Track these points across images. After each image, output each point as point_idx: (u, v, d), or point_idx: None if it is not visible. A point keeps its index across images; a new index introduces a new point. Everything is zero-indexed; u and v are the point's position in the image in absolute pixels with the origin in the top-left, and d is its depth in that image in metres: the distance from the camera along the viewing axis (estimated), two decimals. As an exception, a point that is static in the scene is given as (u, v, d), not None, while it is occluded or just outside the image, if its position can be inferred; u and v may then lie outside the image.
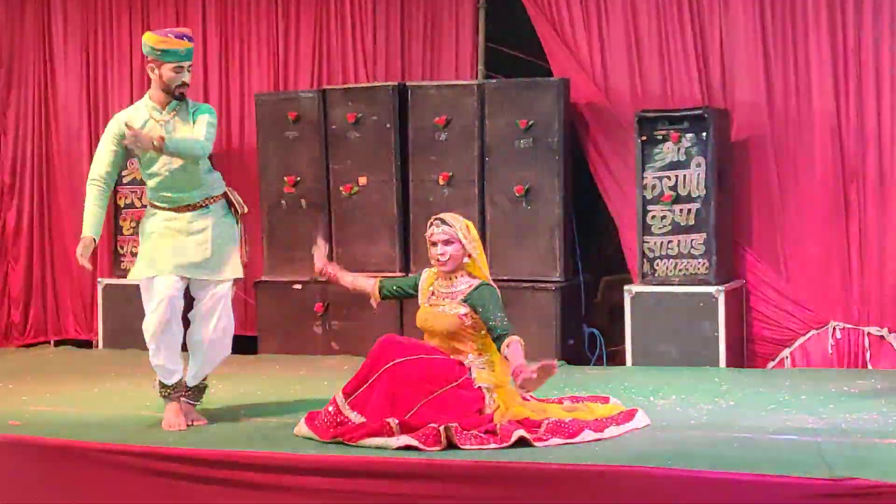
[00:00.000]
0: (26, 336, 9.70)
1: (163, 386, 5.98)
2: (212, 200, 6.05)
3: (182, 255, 5.95)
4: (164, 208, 6.01)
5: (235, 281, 6.17)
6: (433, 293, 5.71)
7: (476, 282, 5.62)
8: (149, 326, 5.92)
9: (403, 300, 6.07)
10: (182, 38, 5.91)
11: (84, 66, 9.59)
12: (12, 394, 6.96)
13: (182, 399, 6.00)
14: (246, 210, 6.18)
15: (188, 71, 5.94)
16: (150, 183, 6.03)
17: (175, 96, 5.95)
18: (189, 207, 6.00)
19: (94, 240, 5.93)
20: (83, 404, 6.58)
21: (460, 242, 5.62)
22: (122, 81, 9.49)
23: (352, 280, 6.04)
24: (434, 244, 5.66)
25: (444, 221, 5.66)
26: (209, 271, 6.01)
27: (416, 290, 5.82)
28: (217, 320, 6.02)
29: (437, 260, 5.64)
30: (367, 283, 6.00)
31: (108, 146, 6.00)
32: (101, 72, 9.55)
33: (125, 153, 6.03)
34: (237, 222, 6.14)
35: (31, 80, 9.72)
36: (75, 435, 5.59)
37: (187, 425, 5.92)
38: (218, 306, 6.02)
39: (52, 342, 9.68)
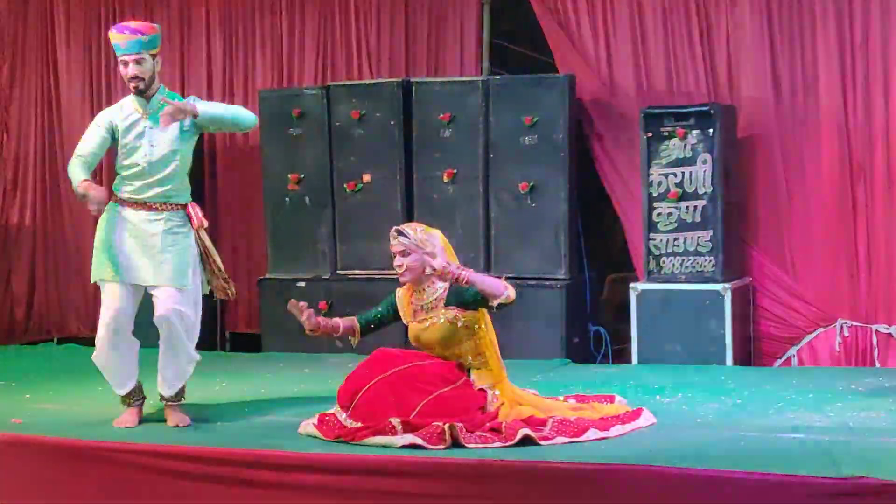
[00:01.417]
0: (29, 333, 9.68)
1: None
2: (168, 207, 5.76)
3: (133, 261, 5.70)
4: (127, 202, 5.76)
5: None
6: (415, 310, 5.64)
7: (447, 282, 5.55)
8: (98, 336, 5.76)
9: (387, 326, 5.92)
10: (123, 31, 5.69)
11: (87, 61, 9.57)
12: (15, 391, 6.94)
13: (170, 404, 5.87)
14: (206, 225, 5.87)
15: (136, 64, 5.68)
16: (124, 173, 5.79)
17: (133, 91, 5.76)
18: (146, 206, 5.74)
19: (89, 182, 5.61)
20: (86, 402, 6.55)
21: (418, 253, 5.54)
22: (125, 77, 9.47)
23: (333, 324, 5.77)
24: (393, 255, 5.60)
25: (401, 233, 5.59)
26: (157, 276, 5.72)
27: (394, 312, 5.74)
28: (169, 326, 5.72)
29: (397, 271, 5.59)
30: (346, 321, 5.79)
31: (98, 131, 5.78)
32: (104, 67, 9.53)
33: (112, 142, 5.80)
34: (196, 241, 5.82)
35: (35, 76, 9.70)
36: (78, 433, 5.56)
37: (177, 425, 5.78)
38: (169, 312, 5.68)
39: (55, 340, 9.65)
